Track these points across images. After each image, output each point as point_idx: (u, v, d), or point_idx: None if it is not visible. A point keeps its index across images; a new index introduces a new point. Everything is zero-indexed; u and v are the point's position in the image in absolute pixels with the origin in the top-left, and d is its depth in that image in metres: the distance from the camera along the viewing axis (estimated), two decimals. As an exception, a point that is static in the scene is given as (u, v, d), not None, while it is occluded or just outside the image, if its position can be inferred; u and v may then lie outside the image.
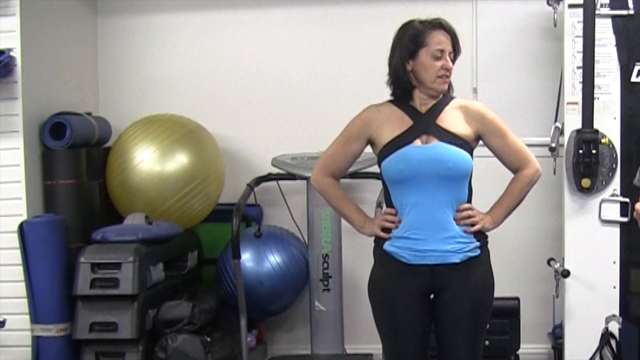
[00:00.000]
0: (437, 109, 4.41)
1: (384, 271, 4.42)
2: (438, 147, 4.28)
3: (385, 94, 4.50)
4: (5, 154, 6.50)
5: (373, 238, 4.50)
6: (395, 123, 4.40)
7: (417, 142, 4.31)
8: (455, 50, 4.41)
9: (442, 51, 4.27)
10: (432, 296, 4.43)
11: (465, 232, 4.34)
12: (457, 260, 4.29)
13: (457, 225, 4.32)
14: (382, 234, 4.36)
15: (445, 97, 4.47)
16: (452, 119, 4.40)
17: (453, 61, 4.44)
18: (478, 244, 4.38)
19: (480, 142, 4.47)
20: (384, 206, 4.52)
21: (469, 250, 4.33)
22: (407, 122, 4.38)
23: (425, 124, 4.37)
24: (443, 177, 4.23)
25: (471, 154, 4.39)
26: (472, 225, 4.28)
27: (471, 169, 4.37)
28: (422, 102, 4.41)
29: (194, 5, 7.66)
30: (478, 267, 4.40)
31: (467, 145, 4.35)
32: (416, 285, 4.32)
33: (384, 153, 4.36)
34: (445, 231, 4.26)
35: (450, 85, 4.54)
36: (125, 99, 7.69)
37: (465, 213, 4.26)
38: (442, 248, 4.26)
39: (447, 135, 4.32)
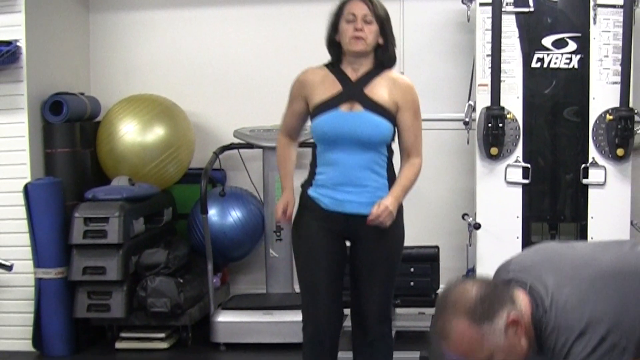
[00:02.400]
0: (368, 78, 4.62)
1: (305, 214, 4.71)
2: (362, 114, 4.54)
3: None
4: (12, 127, 6.95)
5: (300, 184, 4.79)
6: (327, 87, 4.62)
7: (343, 107, 4.55)
8: (377, 15, 4.58)
9: (353, 15, 4.50)
10: (348, 243, 4.76)
11: (377, 173, 4.58)
12: (369, 213, 4.54)
13: (376, 178, 4.61)
14: (280, 212, 4.69)
15: (379, 68, 4.67)
16: (379, 89, 4.60)
17: (383, 27, 4.63)
18: None
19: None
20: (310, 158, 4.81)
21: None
22: (337, 87, 4.61)
23: (353, 92, 4.59)
24: (362, 141, 4.51)
25: (393, 122, 4.60)
26: (386, 216, 4.43)
27: (390, 136, 4.61)
28: (353, 69, 4.64)
29: (170, 3, 8.14)
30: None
31: (389, 114, 4.57)
32: (332, 229, 4.63)
33: (313, 114, 4.63)
34: (362, 187, 4.55)
35: (389, 56, 4.73)
36: (112, 81, 8.09)
37: (377, 215, 4.42)
38: (357, 200, 4.55)
39: (371, 105, 4.55)
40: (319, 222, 4.62)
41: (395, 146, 4.70)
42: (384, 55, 4.68)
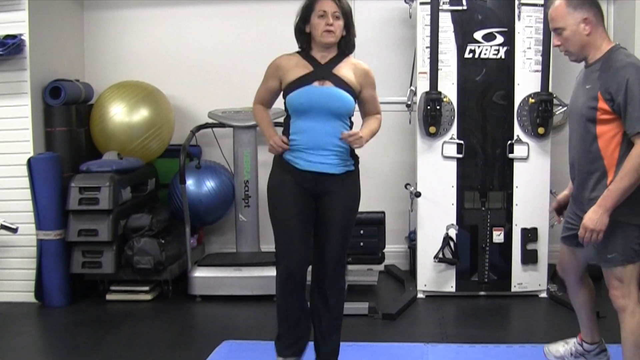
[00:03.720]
0: (334, 61, 4.91)
1: (281, 173, 4.92)
2: (332, 89, 4.81)
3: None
4: (17, 109, 7.21)
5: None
6: (301, 68, 4.87)
7: (316, 83, 4.81)
8: (343, 12, 4.84)
9: (325, 11, 4.76)
10: (315, 200, 4.96)
11: (342, 140, 4.83)
12: (336, 172, 4.87)
13: (341, 144, 4.84)
14: (276, 146, 4.83)
15: (342, 54, 4.96)
16: (344, 71, 4.89)
17: (347, 21, 4.89)
18: (353, 161, 4.97)
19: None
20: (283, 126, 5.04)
21: (346, 166, 4.92)
22: (309, 68, 4.86)
23: (323, 72, 4.86)
24: (332, 111, 4.79)
25: (355, 98, 4.93)
26: (357, 139, 4.78)
27: (353, 108, 4.91)
28: (321, 55, 4.91)
29: (153, 3, 8.48)
30: (351, 179, 4.99)
31: (353, 91, 4.88)
32: (304, 185, 4.88)
33: (288, 89, 4.84)
34: (329, 150, 4.83)
35: (351, 45, 5.02)
36: (103, 69, 8.41)
37: (350, 135, 4.76)
38: (325, 161, 4.83)
39: (339, 82, 4.84)
40: (293, 178, 4.87)
41: (354, 118, 5.05)
42: (346, 45, 4.95)
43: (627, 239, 4.47)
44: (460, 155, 7.34)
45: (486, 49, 7.27)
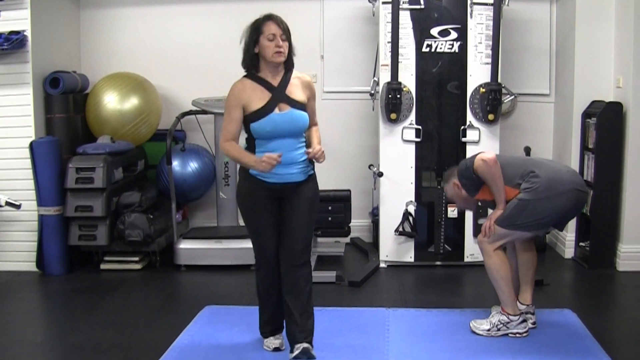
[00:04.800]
0: (285, 81, 4.91)
1: (249, 187, 4.99)
2: (291, 113, 4.85)
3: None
4: (20, 97, 7.30)
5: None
6: (259, 95, 4.84)
7: (277, 110, 4.83)
8: (287, 34, 4.84)
9: (274, 34, 4.76)
10: (281, 201, 5.03)
11: (306, 156, 4.93)
12: (300, 180, 4.96)
13: (300, 157, 4.92)
14: (270, 162, 4.70)
15: (289, 72, 4.95)
16: (295, 89, 4.92)
17: (288, 41, 4.86)
18: (311, 166, 5.08)
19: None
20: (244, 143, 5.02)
21: (308, 172, 5.03)
22: (266, 94, 4.83)
23: (279, 96, 4.86)
24: (293, 132, 4.86)
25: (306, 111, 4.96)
26: (321, 155, 4.87)
27: (308, 123, 4.96)
28: (272, 75, 4.89)
29: (143, 2, 8.54)
30: (310, 182, 5.07)
31: (305, 107, 4.95)
32: (272, 195, 4.96)
33: (252, 118, 4.82)
34: (294, 164, 4.91)
35: (292, 63, 4.99)
36: (98, 61, 8.46)
37: (314, 153, 4.86)
38: (292, 172, 4.92)
39: (295, 103, 4.88)
40: (261, 190, 4.95)
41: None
42: (290, 62, 4.94)
43: (512, 210, 5.39)
44: (418, 139, 7.47)
45: (442, 44, 7.38)
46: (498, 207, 5.46)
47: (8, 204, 7.11)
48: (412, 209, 7.54)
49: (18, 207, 7.20)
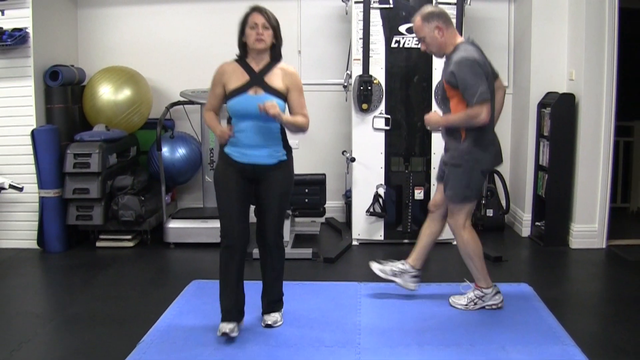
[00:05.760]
0: (267, 69, 4.90)
1: (224, 164, 4.96)
2: (263, 97, 4.80)
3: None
4: (22, 89, 7.35)
5: (220, 144, 4.98)
6: (239, 76, 4.86)
7: (251, 92, 4.82)
8: (271, 24, 4.83)
9: (255, 23, 4.78)
10: (254, 185, 5.00)
11: (273, 138, 4.89)
12: (270, 163, 4.92)
13: (270, 142, 4.90)
14: (223, 135, 4.81)
15: (273, 62, 4.93)
16: (275, 78, 4.89)
17: (275, 32, 4.87)
18: (285, 152, 5.00)
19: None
20: (225, 123, 4.99)
21: (279, 157, 4.96)
22: (245, 77, 4.85)
23: (256, 80, 4.85)
24: (263, 116, 4.75)
25: (284, 101, 4.92)
26: (272, 107, 4.68)
27: (283, 111, 4.85)
28: (256, 62, 4.90)
29: (135, 2, 8.60)
30: (285, 167, 5.02)
31: (282, 95, 4.89)
32: (243, 175, 4.93)
33: (229, 96, 4.86)
34: (263, 147, 4.89)
35: (278, 54, 4.97)
36: (94, 56, 8.51)
37: (264, 106, 4.67)
38: (260, 154, 4.89)
39: (270, 89, 4.85)
40: (233, 169, 4.92)
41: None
42: (275, 52, 4.94)
43: (461, 184, 5.39)
44: (387, 128, 7.54)
45: (409, 40, 7.43)
46: (446, 116, 5.43)
47: (11, 186, 7.17)
48: (381, 191, 7.62)
49: (20, 189, 7.25)
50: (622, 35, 7.33)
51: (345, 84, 7.83)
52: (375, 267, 5.93)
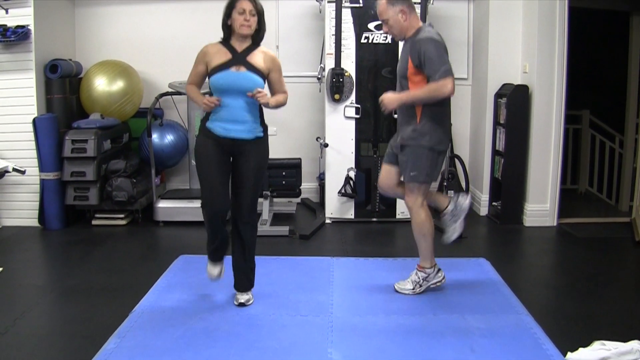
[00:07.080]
0: (249, 50, 4.85)
1: (204, 139, 4.88)
2: (245, 73, 4.76)
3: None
4: (24, 81, 7.38)
5: (201, 119, 4.89)
6: (222, 55, 4.80)
7: (233, 69, 4.75)
8: (257, 11, 4.80)
9: (244, 9, 4.72)
10: (231, 159, 4.91)
11: (252, 113, 4.78)
12: (248, 137, 4.84)
13: (251, 117, 4.80)
14: (209, 103, 4.71)
15: (255, 45, 4.89)
16: (256, 58, 4.84)
17: (260, 18, 4.82)
18: (262, 128, 4.93)
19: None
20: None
21: (256, 133, 4.89)
22: (228, 55, 4.79)
23: (239, 59, 4.79)
24: (244, 91, 4.72)
25: (264, 80, 4.85)
26: (262, 95, 4.69)
27: (263, 88, 4.77)
28: (239, 44, 4.84)
29: (128, 1, 8.55)
30: (261, 143, 4.95)
31: (262, 74, 4.82)
32: (222, 149, 4.85)
33: (212, 72, 4.78)
34: (243, 122, 4.82)
35: (260, 37, 4.92)
36: (90, 51, 8.47)
37: (254, 93, 4.69)
38: (239, 129, 4.81)
39: (251, 67, 4.79)
40: (213, 142, 4.84)
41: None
42: (258, 37, 4.90)
43: (426, 164, 5.21)
44: (357, 116, 7.61)
45: (377, 36, 7.50)
46: (407, 92, 5.19)
47: (15, 170, 7.16)
48: (352, 174, 7.65)
49: (23, 172, 7.24)
50: (572, 31, 7.38)
51: (319, 76, 7.87)
52: (403, 289, 5.57)
